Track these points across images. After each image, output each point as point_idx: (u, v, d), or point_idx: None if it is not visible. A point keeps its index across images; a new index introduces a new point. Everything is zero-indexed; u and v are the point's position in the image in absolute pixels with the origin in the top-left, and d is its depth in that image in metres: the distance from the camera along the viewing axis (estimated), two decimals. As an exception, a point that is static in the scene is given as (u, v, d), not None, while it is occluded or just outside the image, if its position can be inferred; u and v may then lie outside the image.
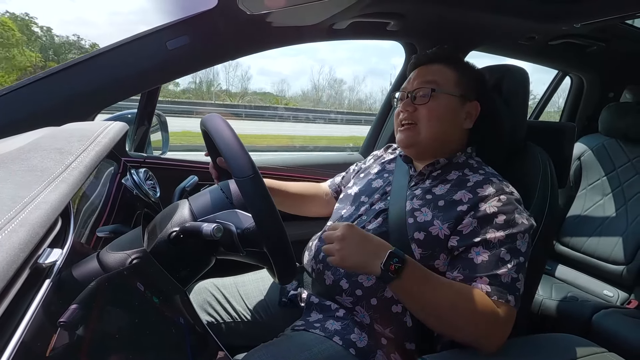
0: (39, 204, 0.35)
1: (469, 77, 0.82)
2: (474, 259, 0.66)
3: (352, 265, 0.64)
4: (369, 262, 0.62)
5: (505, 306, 0.63)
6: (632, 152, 1.51)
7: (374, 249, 0.63)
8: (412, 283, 0.62)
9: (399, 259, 0.61)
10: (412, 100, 0.80)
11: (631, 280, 1.36)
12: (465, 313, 0.61)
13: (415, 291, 0.62)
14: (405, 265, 0.61)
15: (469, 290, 0.63)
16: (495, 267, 0.65)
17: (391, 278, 0.61)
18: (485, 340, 0.62)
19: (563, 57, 1.64)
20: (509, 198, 0.70)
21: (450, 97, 0.79)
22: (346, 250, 0.63)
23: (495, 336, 0.62)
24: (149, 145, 1.22)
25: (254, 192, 0.53)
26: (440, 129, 0.79)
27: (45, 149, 0.48)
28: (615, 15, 1.14)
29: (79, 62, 0.91)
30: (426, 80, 0.80)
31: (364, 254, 0.63)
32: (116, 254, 0.54)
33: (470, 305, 0.61)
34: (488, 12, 1.15)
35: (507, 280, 0.64)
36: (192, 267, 0.61)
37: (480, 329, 0.62)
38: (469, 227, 0.69)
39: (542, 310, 1.34)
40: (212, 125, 0.59)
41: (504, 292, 0.63)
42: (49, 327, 0.35)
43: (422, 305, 0.63)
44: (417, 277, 0.62)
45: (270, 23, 1.02)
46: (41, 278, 0.38)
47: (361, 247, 0.63)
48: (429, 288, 0.63)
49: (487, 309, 0.62)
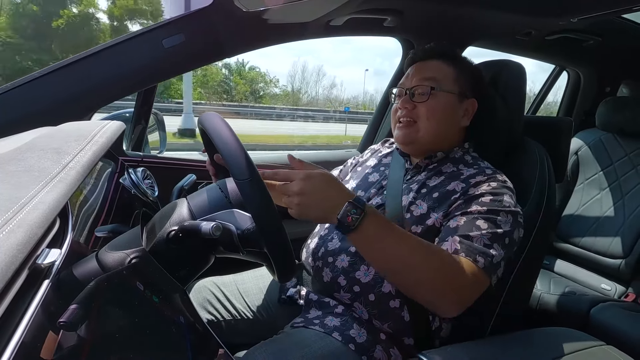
0: (36, 205, 0.35)
1: (466, 74, 0.82)
2: (450, 224, 0.67)
3: (312, 217, 0.60)
4: (327, 213, 0.59)
5: (472, 266, 0.60)
6: (629, 147, 1.52)
7: (334, 199, 0.59)
8: (372, 235, 0.59)
9: (357, 210, 0.58)
10: (411, 98, 0.80)
11: (628, 274, 1.37)
12: (426, 267, 0.59)
13: (375, 244, 0.60)
14: (364, 217, 0.58)
15: (434, 247, 0.61)
16: (468, 230, 0.64)
17: (348, 229, 0.58)
18: (445, 300, 0.60)
19: (560, 52, 1.65)
20: (499, 184, 0.71)
21: (449, 95, 0.79)
22: (304, 202, 0.59)
23: (457, 297, 0.60)
24: (147, 144, 1.21)
25: (255, 195, 0.52)
26: (439, 127, 0.79)
27: (42, 149, 0.48)
28: (611, 9, 1.14)
29: (75, 61, 0.90)
30: (425, 78, 0.80)
31: (323, 205, 0.59)
32: (115, 253, 0.54)
33: (433, 259, 0.59)
34: (485, 8, 1.15)
35: (479, 244, 0.62)
36: (192, 266, 0.61)
37: (440, 285, 0.59)
38: (456, 205, 0.70)
39: (541, 304, 1.35)
40: (210, 125, 0.59)
41: (474, 252, 0.62)
42: (48, 327, 0.35)
43: (382, 259, 0.61)
44: (378, 229, 0.59)
45: (266, 20, 1.02)
46: (40, 278, 0.38)
47: (320, 198, 0.59)
48: (390, 241, 0.60)
49: (452, 265, 0.59)
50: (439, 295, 0.60)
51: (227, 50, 1.06)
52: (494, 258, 0.63)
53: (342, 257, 0.76)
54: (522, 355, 0.61)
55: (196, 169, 1.11)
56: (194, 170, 1.01)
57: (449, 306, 0.60)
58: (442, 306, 0.61)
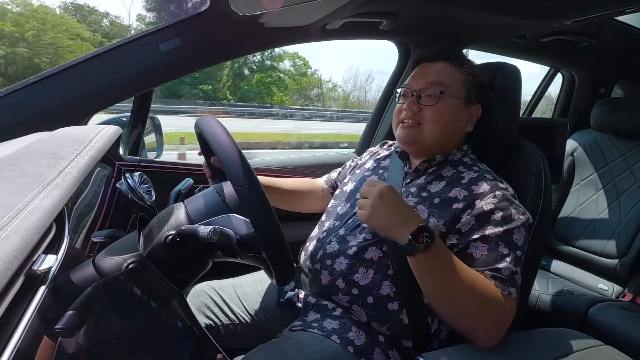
0: (32, 210, 0.35)
1: (473, 78, 0.82)
2: (474, 254, 0.67)
3: (379, 225, 0.64)
4: (396, 228, 0.62)
5: (509, 298, 0.64)
6: (624, 147, 1.53)
7: (406, 217, 0.63)
8: (436, 261, 0.62)
9: (429, 234, 0.61)
10: (417, 99, 0.80)
11: (625, 274, 1.37)
12: (480, 300, 0.62)
13: (435, 269, 0.62)
14: (433, 242, 0.61)
15: (484, 279, 0.64)
16: (495, 262, 0.66)
17: (417, 249, 0.60)
18: (487, 330, 0.63)
19: (554, 54, 1.66)
20: (504, 194, 0.71)
21: (457, 100, 0.79)
22: (378, 208, 0.63)
23: (500, 327, 0.63)
24: (143, 149, 1.21)
25: (253, 200, 0.53)
26: (444, 132, 0.79)
27: (37, 154, 0.47)
28: (604, 11, 1.15)
29: (71, 66, 0.90)
30: (433, 81, 0.79)
31: (395, 218, 0.63)
32: (112, 258, 0.53)
33: (485, 293, 0.62)
34: (480, 11, 1.16)
35: (508, 274, 0.65)
36: (189, 271, 0.61)
37: (488, 317, 0.62)
38: (467, 225, 0.69)
39: (539, 305, 1.35)
40: (208, 130, 0.59)
41: (507, 285, 0.64)
42: (45, 334, 0.35)
43: (438, 285, 0.63)
44: (441, 257, 0.63)
45: (263, 24, 1.02)
46: (36, 284, 0.37)
47: (394, 211, 0.63)
48: (449, 269, 0.62)
49: (499, 300, 0.63)
50: (483, 326, 0.63)
51: (223, 54, 1.06)
52: (519, 282, 0.66)
53: (340, 259, 0.76)
54: (520, 356, 0.61)
55: (193, 173, 1.11)
56: (191, 174, 1.00)
57: (490, 337, 0.63)
58: (482, 336, 0.63)
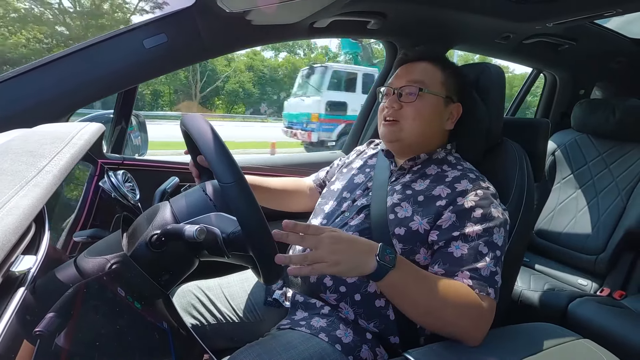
0: (10, 210, 0.33)
1: (453, 79, 0.84)
2: (454, 253, 0.68)
3: (347, 268, 0.58)
4: (364, 261, 0.59)
5: (487, 299, 0.64)
6: (602, 147, 1.58)
7: (364, 246, 0.61)
8: (405, 275, 0.62)
9: (390, 250, 0.61)
10: (398, 98, 0.81)
11: (603, 270, 1.42)
12: (455, 307, 0.62)
13: (408, 284, 0.62)
14: (396, 255, 0.61)
15: (455, 284, 0.64)
16: (475, 261, 0.66)
17: (388, 267, 0.59)
18: (471, 333, 0.63)
19: (537, 56, 1.70)
20: (485, 193, 0.73)
21: (436, 97, 0.81)
22: (337, 255, 0.58)
23: (480, 328, 0.64)
24: (127, 147, 1.19)
25: (240, 198, 0.52)
26: (423, 129, 0.81)
27: (16, 152, 0.46)
28: (584, 15, 1.19)
29: (51, 61, 0.87)
30: (413, 80, 0.81)
31: (358, 252, 0.59)
32: (95, 259, 0.52)
33: (458, 299, 0.63)
34: (466, 12, 1.18)
35: (487, 274, 0.66)
36: (175, 271, 0.60)
37: (467, 322, 0.63)
38: (448, 221, 0.70)
39: (522, 300, 1.39)
40: (194, 128, 0.58)
41: (485, 285, 0.65)
42: (24, 337, 0.34)
43: (413, 300, 0.63)
44: (408, 270, 0.63)
45: (250, 21, 1.01)
46: (14, 286, 0.36)
47: (353, 247, 0.60)
48: (419, 282, 0.63)
49: (474, 302, 0.63)
50: (465, 330, 0.63)
51: (209, 51, 1.05)
52: (499, 283, 0.67)
53: None
54: (504, 351, 0.63)
55: (179, 172, 1.09)
56: (177, 173, 0.99)
57: (475, 338, 0.64)
58: (468, 338, 0.64)
